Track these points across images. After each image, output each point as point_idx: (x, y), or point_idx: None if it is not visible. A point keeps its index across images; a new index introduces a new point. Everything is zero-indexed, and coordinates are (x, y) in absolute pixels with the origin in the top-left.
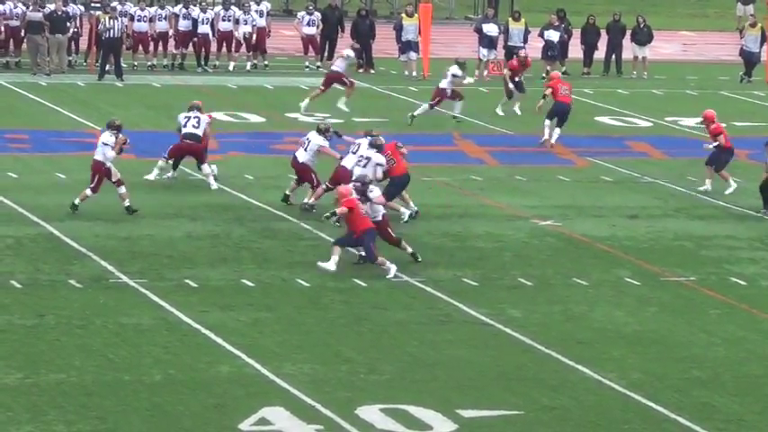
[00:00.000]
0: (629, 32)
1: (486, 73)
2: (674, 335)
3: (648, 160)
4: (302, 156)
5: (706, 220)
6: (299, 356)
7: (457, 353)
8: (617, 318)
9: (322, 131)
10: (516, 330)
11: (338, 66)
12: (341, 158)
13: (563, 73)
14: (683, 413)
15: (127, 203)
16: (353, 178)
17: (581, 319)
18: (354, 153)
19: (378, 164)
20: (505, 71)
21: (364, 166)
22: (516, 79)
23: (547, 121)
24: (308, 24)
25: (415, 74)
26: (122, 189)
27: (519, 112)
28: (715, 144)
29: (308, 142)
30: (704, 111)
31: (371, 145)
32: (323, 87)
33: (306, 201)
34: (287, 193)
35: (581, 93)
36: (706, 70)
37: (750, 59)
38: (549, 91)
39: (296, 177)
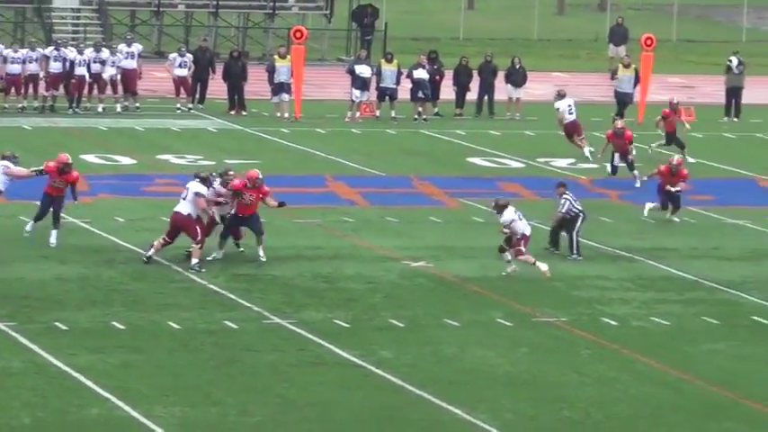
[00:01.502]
0: (501, 73)
1: (358, 114)
2: (546, 375)
3: (520, 201)
4: (184, 207)
5: (579, 261)
6: (170, 399)
7: (328, 395)
8: (489, 358)
9: (202, 179)
10: (387, 371)
11: None
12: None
13: (435, 114)
14: None
15: None
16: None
17: (452, 359)
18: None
19: (195, 192)
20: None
21: (184, 198)
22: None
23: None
24: (180, 66)
25: (287, 115)
26: None
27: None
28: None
29: (187, 191)
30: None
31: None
32: None
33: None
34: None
35: (453, 134)
36: (579, 111)
37: (624, 100)
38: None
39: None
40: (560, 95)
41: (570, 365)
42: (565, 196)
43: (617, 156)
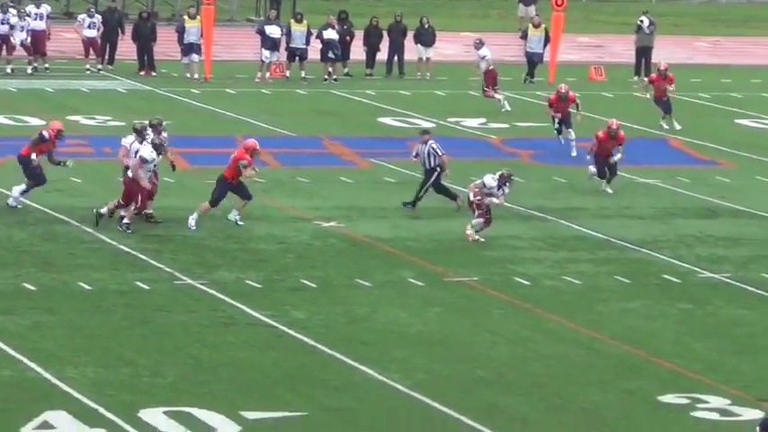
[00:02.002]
0: (410, 33)
1: (267, 75)
2: (458, 335)
3: None
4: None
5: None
6: (82, 360)
7: (240, 355)
8: (401, 318)
9: (137, 131)
10: (300, 332)
11: None
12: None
13: (345, 74)
14: (467, 413)
15: None
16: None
17: (364, 319)
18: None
19: (141, 156)
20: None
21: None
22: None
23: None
24: (89, 27)
25: (197, 76)
26: None
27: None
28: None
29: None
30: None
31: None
32: None
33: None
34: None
35: (363, 94)
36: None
37: (533, 60)
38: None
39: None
40: (481, 43)
41: (482, 325)
42: (431, 143)
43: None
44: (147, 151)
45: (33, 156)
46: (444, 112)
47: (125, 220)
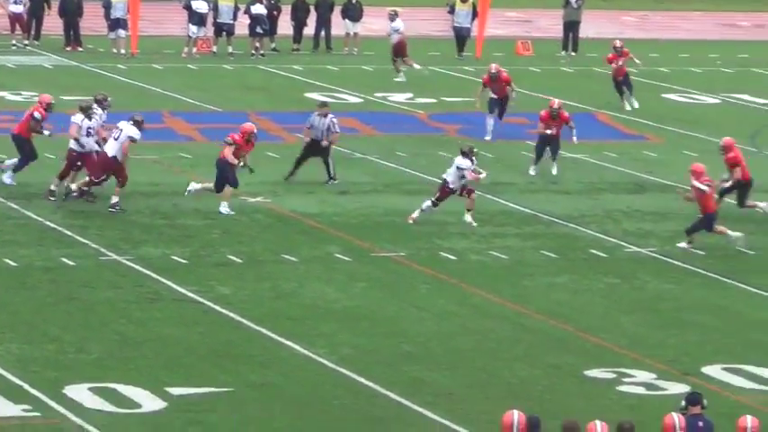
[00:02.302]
0: (338, 8)
1: (194, 50)
2: (385, 310)
3: (358, 136)
4: (111, 149)
5: (415, 195)
6: (6, 336)
7: (166, 331)
8: (327, 294)
9: (82, 109)
10: (225, 307)
11: None
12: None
13: (272, 49)
14: (393, 388)
15: None
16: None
17: (291, 295)
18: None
19: (129, 136)
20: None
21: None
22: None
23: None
24: (15, 2)
25: (123, 51)
26: None
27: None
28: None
29: (120, 132)
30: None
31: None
32: None
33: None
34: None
35: (290, 69)
36: (416, 46)
37: (461, 35)
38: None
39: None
40: (396, 14)
41: (409, 300)
42: (332, 117)
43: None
44: (134, 131)
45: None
46: (371, 87)
47: (114, 200)
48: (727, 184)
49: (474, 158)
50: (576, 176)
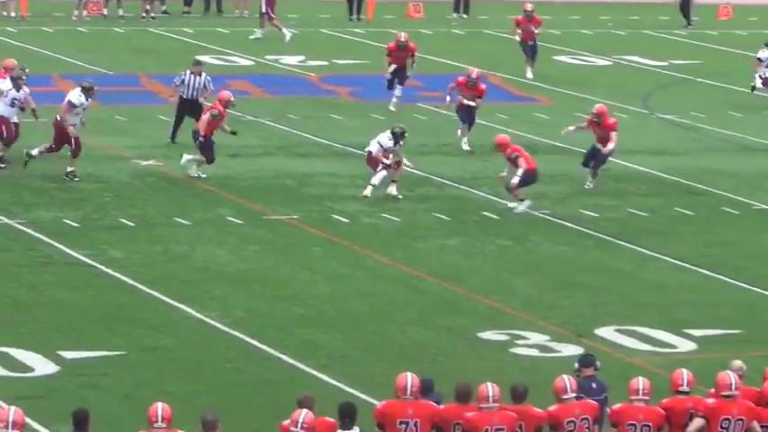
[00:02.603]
0: None
1: (85, 13)
2: (277, 273)
3: (249, 99)
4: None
5: (307, 157)
6: None
7: (58, 294)
8: (219, 257)
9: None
10: (118, 271)
11: None
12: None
13: (163, 12)
14: (286, 350)
15: None
16: None
17: (183, 258)
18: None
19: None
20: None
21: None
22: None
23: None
24: None
25: (13, 14)
26: None
27: None
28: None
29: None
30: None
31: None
32: None
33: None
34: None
35: (181, 32)
36: (306, 8)
37: None
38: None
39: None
40: None
41: (302, 263)
42: (206, 77)
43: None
44: (74, 95)
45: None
46: (263, 49)
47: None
48: (609, 148)
49: (401, 142)
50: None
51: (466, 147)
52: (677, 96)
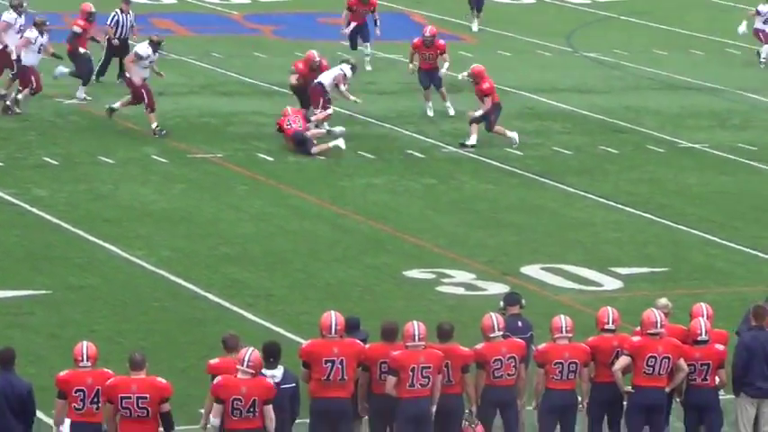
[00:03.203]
0: None
1: None
2: (202, 212)
3: (173, 37)
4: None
5: (232, 96)
6: None
7: None
8: (144, 195)
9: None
10: (43, 210)
11: None
12: None
13: None
14: (212, 289)
15: None
16: None
17: (108, 197)
18: None
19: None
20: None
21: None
22: None
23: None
24: None
25: None
26: None
27: None
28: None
29: None
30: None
31: None
32: None
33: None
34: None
35: None
36: None
37: None
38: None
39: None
40: None
41: (227, 201)
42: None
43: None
44: (142, 47)
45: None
46: None
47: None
48: (479, 113)
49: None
50: (393, 77)
51: (430, 113)
52: (601, 34)
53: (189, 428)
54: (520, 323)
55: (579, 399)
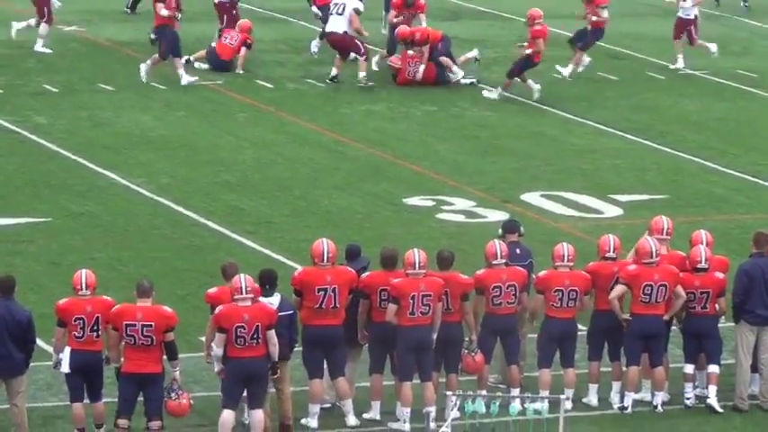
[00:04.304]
0: None
1: None
2: (202, 139)
3: None
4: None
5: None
6: None
7: None
8: (144, 122)
9: None
10: (42, 137)
11: None
12: None
13: None
14: (212, 216)
15: None
16: None
17: (107, 124)
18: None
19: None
20: None
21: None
22: None
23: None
24: None
25: None
26: None
27: None
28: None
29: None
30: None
31: None
32: None
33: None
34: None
35: None
36: None
37: None
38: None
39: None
40: None
41: (226, 129)
42: None
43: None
44: (357, 2)
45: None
46: None
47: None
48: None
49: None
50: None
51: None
52: None
53: (190, 356)
54: (518, 250)
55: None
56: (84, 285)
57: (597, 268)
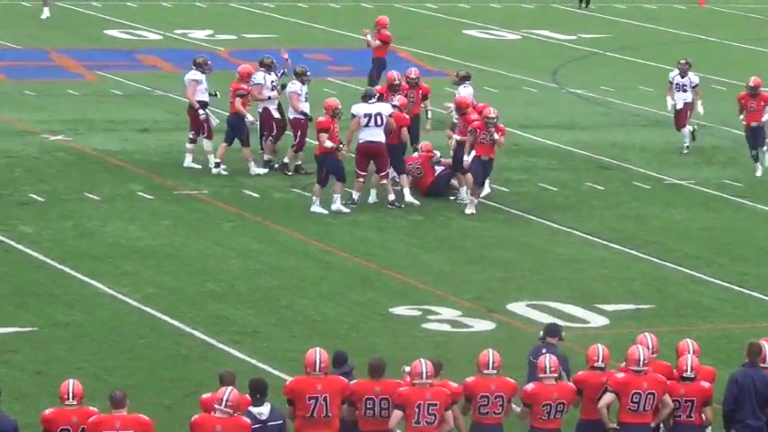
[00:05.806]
0: None
1: None
2: (188, 248)
3: (159, 73)
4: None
5: (218, 132)
6: None
7: None
8: (130, 232)
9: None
10: (29, 246)
11: None
12: None
13: None
14: (198, 326)
15: None
16: None
17: (94, 233)
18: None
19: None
20: None
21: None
22: None
23: None
24: None
25: None
26: None
27: None
28: None
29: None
30: None
31: None
32: None
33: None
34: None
35: (89, 6)
36: None
37: None
38: None
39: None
40: None
41: (213, 238)
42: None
43: None
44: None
45: None
46: (171, 24)
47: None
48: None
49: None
50: None
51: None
52: (586, 71)
53: None
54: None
55: None
56: (71, 395)
57: (585, 377)
